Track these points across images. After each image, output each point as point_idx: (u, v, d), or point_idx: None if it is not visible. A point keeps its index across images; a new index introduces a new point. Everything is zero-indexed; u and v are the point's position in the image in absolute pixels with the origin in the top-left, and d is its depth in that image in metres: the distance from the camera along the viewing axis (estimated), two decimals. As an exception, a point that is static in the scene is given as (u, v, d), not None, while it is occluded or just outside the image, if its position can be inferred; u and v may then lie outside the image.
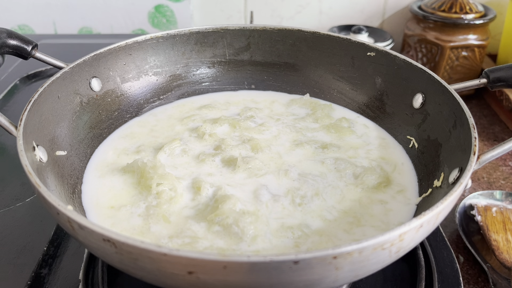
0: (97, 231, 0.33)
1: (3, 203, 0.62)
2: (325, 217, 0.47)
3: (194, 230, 0.45)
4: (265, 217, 0.47)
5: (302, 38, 0.68)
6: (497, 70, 0.53)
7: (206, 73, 0.71)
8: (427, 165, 0.53)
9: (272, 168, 0.54)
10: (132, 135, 0.61)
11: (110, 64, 0.62)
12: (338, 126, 0.62)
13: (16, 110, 0.84)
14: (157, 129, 0.62)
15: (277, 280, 0.33)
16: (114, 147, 0.58)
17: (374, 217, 0.48)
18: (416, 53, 0.97)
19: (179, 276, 0.33)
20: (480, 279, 0.56)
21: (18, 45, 0.54)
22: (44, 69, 0.95)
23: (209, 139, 0.59)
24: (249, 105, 0.67)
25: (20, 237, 0.56)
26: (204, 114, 0.65)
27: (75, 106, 0.57)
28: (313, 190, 0.51)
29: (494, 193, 0.65)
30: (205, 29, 0.68)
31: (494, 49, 1.08)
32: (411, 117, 0.59)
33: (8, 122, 0.46)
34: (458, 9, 0.90)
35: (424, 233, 0.37)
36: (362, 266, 0.34)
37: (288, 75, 0.71)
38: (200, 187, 0.50)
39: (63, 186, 0.49)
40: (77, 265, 0.53)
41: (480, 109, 0.93)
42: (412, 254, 0.53)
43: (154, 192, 0.49)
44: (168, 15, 1.13)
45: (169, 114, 0.66)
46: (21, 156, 0.41)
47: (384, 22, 1.12)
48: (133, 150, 0.58)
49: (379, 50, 0.62)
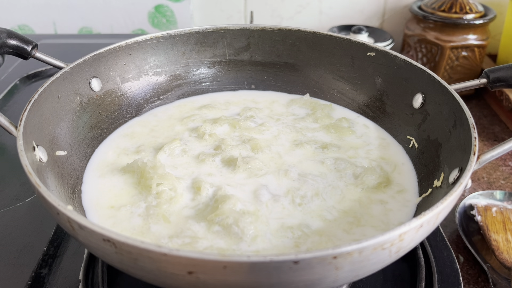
0: (97, 231, 0.33)
1: (3, 203, 0.62)
2: (325, 217, 0.48)
3: (194, 230, 0.45)
4: (265, 217, 0.47)
5: (302, 38, 0.68)
6: (497, 70, 0.53)
7: (206, 73, 0.71)
8: (427, 165, 0.53)
9: (272, 168, 0.54)
10: (132, 135, 0.61)
11: (110, 64, 0.62)
12: (338, 126, 0.62)
13: (16, 110, 0.84)
14: (157, 129, 0.62)
15: (277, 280, 0.33)
16: (114, 147, 0.58)
17: (374, 217, 0.48)
18: (416, 53, 0.97)
19: (179, 276, 0.33)
20: (480, 279, 0.56)
21: (18, 45, 0.54)
22: (44, 69, 0.95)
23: (209, 139, 0.59)
24: (249, 105, 0.67)
25: (20, 237, 0.56)
26: (204, 114, 0.65)
27: (75, 106, 0.57)
28: (313, 190, 0.51)
29: (494, 193, 0.65)
30: (205, 29, 0.68)
31: (494, 49, 1.08)
32: (411, 117, 0.59)
33: (8, 122, 0.46)
34: (458, 9, 0.90)
35: (424, 233, 0.37)
36: (362, 266, 0.34)
37: (288, 75, 0.71)
38: (200, 187, 0.50)
39: (63, 186, 0.49)
40: (77, 265, 0.53)
41: (480, 109, 0.93)
42: (412, 254, 0.53)
43: (154, 192, 0.50)
44: (168, 15, 1.13)
45: (169, 114, 0.66)
46: (21, 156, 0.41)
47: (384, 22, 1.12)
48: (133, 150, 0.58)
49: (379, 50, 0.62)
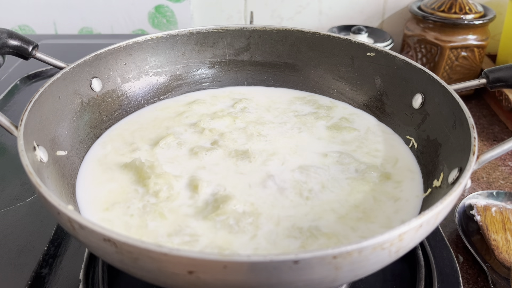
0: (97, 231, 0.33)
1: (3, 203, 0.62)
2: (330, 214, 0.47)
3: (193, 228, 0.45)
4: (268, 214, 0.47)
5: (302, 38, 0.68)
6: (496, 70, 0.53)
7: (206, 73, 0.71)
8: (426, 165, 0.53)
9: (275, 164, 0.54)
10: (130, 132, 0.61)
11: (110, 65, 0.62)
12: (339, 124, 0.62)
13: (16, 110, 0.84)
14: (156, 124, 0.62)
15: (277, 280, 0.33)
16: (112, 145, 0.58)
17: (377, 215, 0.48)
18: (416, 53, 0.97)
19: (180, 276, 0.33)
20: (479, 279, 0.56)
21: (19, 45, 0.54)
22: (45, 69, 0.95)
23: (209, 134, 0.59)
24: (249, 104, 0.67)
25: (21, 237, 0.56)
26: (201, 109, 0.65)
27: (76, 106, 0.57)
28: (318, 184, 0.51)
29: (493, 193, 0.65)
30: (205, 30, 0.69)
31: (494, 49, 1.08)
32: (410, 117, 0.59)
33: (9, 122, 0.46)
34: (458, 10, 0.91)
35: (424, 233, 0.37)
36: (361, 266, 0.34)
37: (288, 75, 0.71)
38: (198, 185, 0.50)
39: (64, 186, 0.49)
40: (77, 265, 0.53)
41: (479, 109, 0.93)
42: (412, 254, 0.53)
43: (152, 190, 0.49)
44: (168, 16, 1.13)
45: (168, 111, 0.65)
46: (22, 156, 0.41)
47: (383, 23, 1.13)
48: (130, 149, 0.57)
49: (378, 50, 0.62)
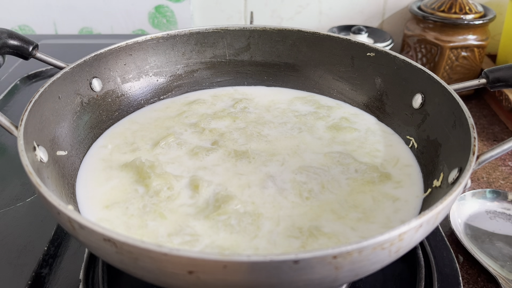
0: (97, 231, 0.33)
1: (3, 203, 0.62)
2: (330, 214, 0.47)
3: (194, 228, 0.45)
4: (268, 215, 0.47)
5: (302, 38, 0.68)
6: (496, 70, 0.53)
7: (206, 73, 0.71)
8: (426, 165, 0.53)
9: (275, 163, 0.54)
10: (131, 132, 0.61)
11: (110, 65, 0.62)
12: (339, 124, 0.62)
13: (16, 110, 0.84)
14: (156, 124, 0.62)
15: (277, 280, 0.33)
16: (112, 145, 0.58)
17: (377, 215, 0.48)
18: (416, 54, 0.97)
19: (180, 276, 0.33)
20: (479, 278, 0.56)
21: (19, 45, 0.54)
22: (45, 69, 0.95)
23: (209, 134, 0.59)
24: (249, 104, 0.67)
25: (21, 237, 0.56)
26: (201, 109, 0.65)
27: (76, 106, 0.57)
28: (318, 184, 0.51)
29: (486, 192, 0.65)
30: (205, 30, 0.69)
31: (494, 49, 1.08)
32: (410, 117, 0.59)
33: (9, 122, 0.46)
34: (458, 10, 0.91)
35: (424, 233, 0.37)
36: (361, 266, 0.34)
37: (288, 75, 0.71)
38: (199, 185, 0.50)
39: (64, 186, 0.49)
40: (77, 265, 0.53)
41: (479, 109, 0.93)
42: (412, 254, 0.53)
43: (152, 190, 0.49)
44: (168, 16, 1.13)
45: (168, 111, 0.65)
46: (22, 156, 0.41)
47: (383, 23, 1.13)
48: (130, 149, 0.57)
49: (378, 50, 0.62)
